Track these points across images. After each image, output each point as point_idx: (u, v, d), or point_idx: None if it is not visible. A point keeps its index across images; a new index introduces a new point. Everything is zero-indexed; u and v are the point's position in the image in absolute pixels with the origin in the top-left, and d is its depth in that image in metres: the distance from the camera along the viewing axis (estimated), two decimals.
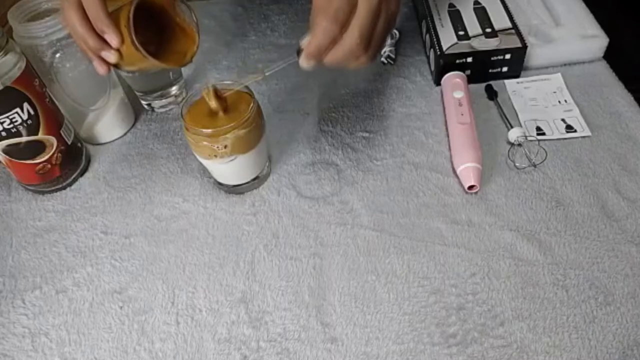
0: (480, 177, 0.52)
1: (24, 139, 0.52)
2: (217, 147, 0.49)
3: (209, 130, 0.48)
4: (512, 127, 0.57)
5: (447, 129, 0.58)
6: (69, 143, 0.56)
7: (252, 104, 0.49)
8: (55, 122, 0.54)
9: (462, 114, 0.57)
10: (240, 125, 0.48)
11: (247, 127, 0.49)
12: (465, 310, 0.45)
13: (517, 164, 0.55)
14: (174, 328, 0.46)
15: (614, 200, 0.51)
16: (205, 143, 0.49)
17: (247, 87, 0.51)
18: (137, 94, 0.65)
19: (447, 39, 0.62)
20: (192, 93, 0.52)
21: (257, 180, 0.55)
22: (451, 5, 0.67)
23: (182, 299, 0.48)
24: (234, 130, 0.48)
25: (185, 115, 0.50)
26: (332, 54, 0.41)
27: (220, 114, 0.49)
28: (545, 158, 0.54)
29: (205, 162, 0.52)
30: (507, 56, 0.61)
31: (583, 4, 0.68)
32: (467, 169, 0.52)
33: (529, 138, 0.56)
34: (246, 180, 0.55)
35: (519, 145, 0.56)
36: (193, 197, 0.56)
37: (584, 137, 0.57)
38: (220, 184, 0.56)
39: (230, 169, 0.52)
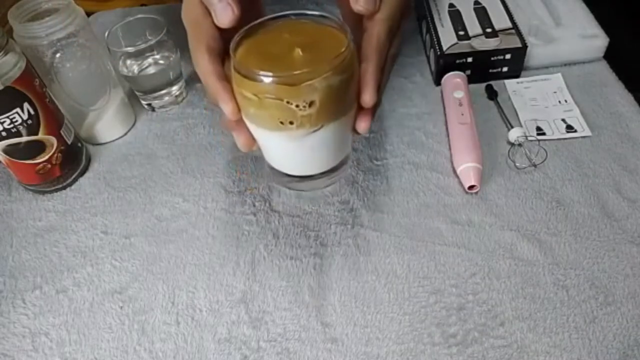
0: (481, 177, 0.52)
1: (24, 139, 0.52)
2: (297, 106, 0.31)
3: (284, 75, 0.30)
4: (512, 127, 0.57)
5: (447, 129, 0.58)
6: (69, 143, 0.56)
7: (347, 41, 0.32)
8: (56, 122, 0.54)
9: (462, 114, 0.57)
10: (335, 69, 0.31)
11: (344, 73, 0.32)
12: (466, 310, 0.45)
13: (517, 164, 0.55)
14: (174, 328, 0.46)
15: (614, 200, 0.51)
16: (271, 99, 0.31)
17: (340, 20, 0.34)
18: (137, 94, 0.65)
19: (447, 39, 0.62)
20: (247, 26, 0.35)
21: (337, 172, 0.38)
22: (451, 5, 0.67)
23: (182, 299, 0.48)
24: (326, 75, 0.31)
25: (239, 54, 0.33)
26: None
27: (297, 52, 0.32)
28: (546, 158, 0.54)
29: (268, 137, 0.34)
30: (507, 56, 0.61)
31: (583, 4, 0.67)
32: (467, 169, 0.52)
33: (529, 138, 0.56)
34: (328, 166, 0.37)
35: (519, 145, 0.56)
36: (193, 197, 0.56)
37: (584, 137, 0.57)
38: (279, 174, 0.38)
39: (308, 146, 0.34)
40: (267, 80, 0.31)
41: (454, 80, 0.61)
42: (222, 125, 0.35)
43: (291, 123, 0.32)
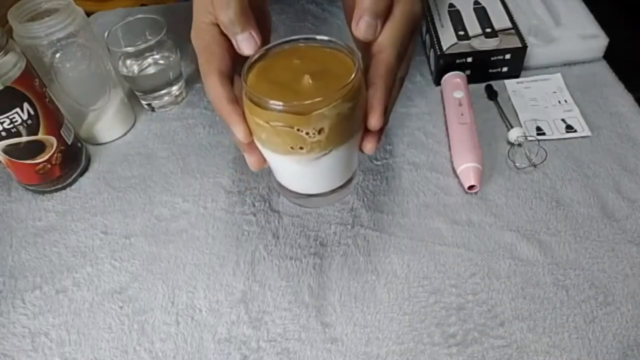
0: (481, 177, 0.52)
1: (24, 139, 0.52)
2: (307, 134, 0.32)
3: (296, 104, 0.31)
4: (512, 127, 0.57)
5: (447, 129, 0.58)
6: (69, 143, 0.56)
7: (356, 68, 0.33)
8: (55, 122, 0.54)
9: (462, 114, 0.57)
10: (345, 96, 0.32)
11: (353, 100, 0.33)
12: (465, 310, 0.45)
13: (517, 164, 0.55)
14: (174, 328, 0.46)
15: (614, 200, 0.51)
16: (282, 126, 0.32)
17: (348, 45, 0.35)
18: (137, 94, 0.65)
19: (447, 39, 0.62)
20: (257, 53, 0.36)
21: (345, 189, 0.39)
22: (451, 5, 0.67)
23: (182, 299, 0.48)
24: (336, 103, 0.32)
25: (251, 83, 0.34)
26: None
27: (306, 79, 0.33)
28: (545, 158, 0.54)
29: (278, 159, 0.36)
30: (507, 56, 0.61)
31: (583, 4, 0.68)
32: (467, 169, 0.52)
33: (529, 138, 0.56)
34: (334, 186, 0.38)
35: (519, 145, 0.56)
36: (193, 197, 0.56)
37: (584, 137, 0.57)
38: (288, 191, 0.40)
39: (317, 170, 0.36)
40: (278, 108, 0.32)
41: (454, 80, 0.61)
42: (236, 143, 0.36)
43: (301, 148, 0.33)
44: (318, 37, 0.35)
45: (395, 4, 0.36)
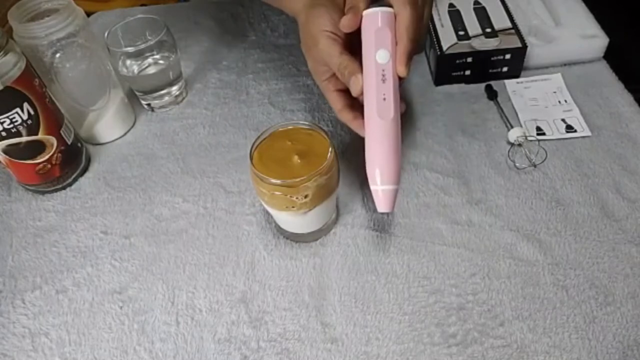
0: (395, 199, 0.42)
1: (24, 139, 0.52)
2: (297, 199, 0.43)
3: (288, 181, 0.42)
4: (512, 127, 0.57)
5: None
6: (69, 143, 0.56)
7: (330, 147, 0.44)
8: (55, 122, 0.54)
9: (385, 98, 0.40)
10: (322, 172, 0.42)
11: (328, 173, 0.43)
12: (465, 310, 0.45)
13: (517, 164, 0.55)
14: (174, 328, 0.46)
15: (614, 200, 0.51)
16: (279, 194, 0.43)
17: (318, 125, 0.46)
18: (137, 94, 0.65)
19: (447, 39, 0.62)
20: (260, 134, 0.46)
21: (326, 227, 0.50)
22: (451, 5, 0.67)
23: (182, 299, 0.48)
24: (316, 178, 0.42)
25: (256, 162, 0.44)
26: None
27: (295, 159, 0.44)
28: (545, 158, 0.54)
29: (277, 213, 0.47)
30: (507, 56, 0.61)
31: (583, 4, 0.68)
32: (385, 193, 0.40)
33: (529, 138, 0.56)
34: (317, 228, 0.49)
35: (519, 145, 0.56)
36: (193, 197, 0.56)
37: (584, 137, 0.57)
38: (285, 231, 0.51)
39: (304, 219, 0.46)
40: (276, 182, 0.42)
41: (378, 26, 0.41)
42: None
43: (292, 207, 0.44)
44: (302, 122, 0.46)
45: None
